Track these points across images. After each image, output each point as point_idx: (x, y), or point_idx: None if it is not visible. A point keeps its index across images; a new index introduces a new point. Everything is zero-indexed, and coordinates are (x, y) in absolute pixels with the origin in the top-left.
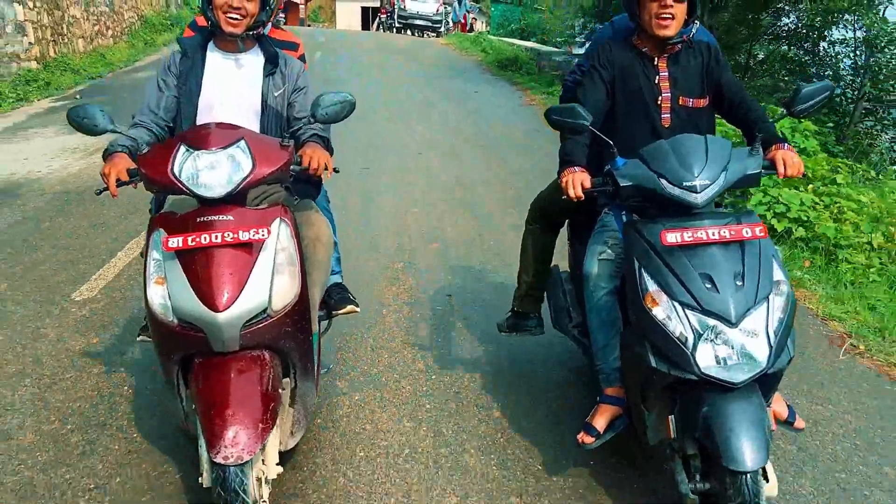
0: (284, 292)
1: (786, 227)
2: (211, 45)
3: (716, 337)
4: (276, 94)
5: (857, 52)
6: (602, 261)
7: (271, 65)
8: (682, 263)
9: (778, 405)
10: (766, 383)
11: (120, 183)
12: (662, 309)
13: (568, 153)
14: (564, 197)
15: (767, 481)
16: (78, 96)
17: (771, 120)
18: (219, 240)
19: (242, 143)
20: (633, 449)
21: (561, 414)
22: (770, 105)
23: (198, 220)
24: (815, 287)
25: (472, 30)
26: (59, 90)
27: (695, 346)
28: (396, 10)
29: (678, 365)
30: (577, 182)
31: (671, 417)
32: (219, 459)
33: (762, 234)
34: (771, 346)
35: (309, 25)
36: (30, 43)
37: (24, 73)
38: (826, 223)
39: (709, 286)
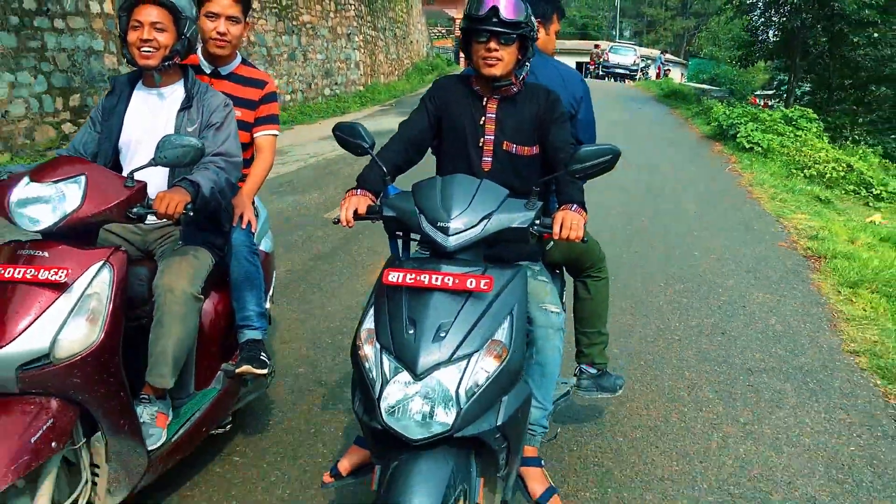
0: (75, 340)
1: (751, 145)
2: (140, 83)
3: (402, 386)
4: (189, 130)
5: None
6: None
7: (188, 99)
8: (398, 305)
9: (534, 482)
10: (484, 453)
11: None
12: (370, 349)
13: (361, 175)
14: (335, 221)
15: None
16: (392, 104)
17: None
18: (20, 276)
19: (82, 178)
20: None
21: None
22: None
23: (17, 252)
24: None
25: (664, 77)
26: (379, 103)
27: (381, 393)
28: (601, 62)
29: (370, 412)
30: (353, 206)
31: (377, 469)
32: None
33: (486, 287)
34: (458, 407)
35: None
36: (361, 74)
37: (357, 92)
38: (768, 143)
39: (410, 333)
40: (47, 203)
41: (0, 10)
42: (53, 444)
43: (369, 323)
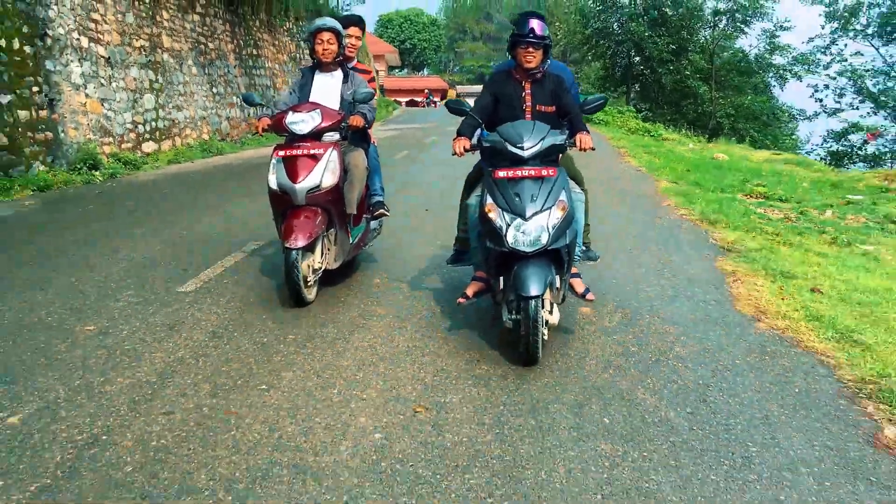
0: (328, 180)
1: (599, 121)
2: (318, 70)
3: (518, 227)
4: (347, 93)
5: None
6: (477, 196)
7: (345, 77)
8: (505, 188)
9: (578, 285)
10: (557, 260)
11: (265, 130)
12: (494, 213)
13: (459, 129)
14: (453, 153)
15: (552, 314)
16: (389, 119)
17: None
18: (300, 153)
19: (318, 110)
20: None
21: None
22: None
23: (292, 143)
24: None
25: None
26: (381, 120)
27: (506, 231)
28: None
29: (499, 243)
30: (461, 144)
31: (501, 279)
32: (287, 244)
33: (552, 173)
34: (549, 233)
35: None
36: None
37: None
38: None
39: (517, 200)
40: (304, 122)
41: (245, 69)
42: (324, 227)
43: (489, 199)
